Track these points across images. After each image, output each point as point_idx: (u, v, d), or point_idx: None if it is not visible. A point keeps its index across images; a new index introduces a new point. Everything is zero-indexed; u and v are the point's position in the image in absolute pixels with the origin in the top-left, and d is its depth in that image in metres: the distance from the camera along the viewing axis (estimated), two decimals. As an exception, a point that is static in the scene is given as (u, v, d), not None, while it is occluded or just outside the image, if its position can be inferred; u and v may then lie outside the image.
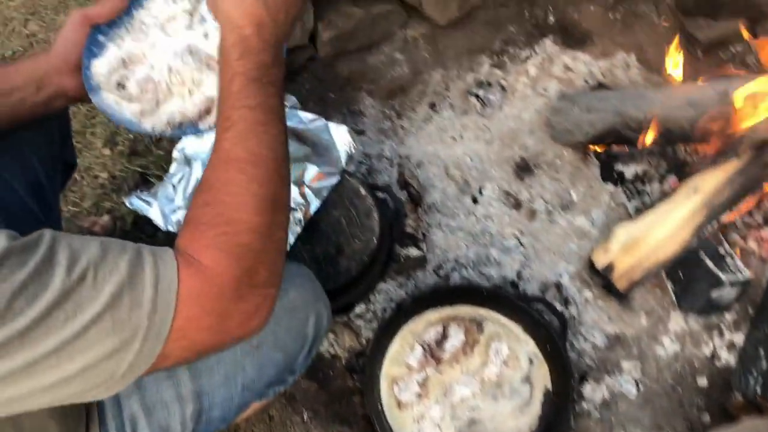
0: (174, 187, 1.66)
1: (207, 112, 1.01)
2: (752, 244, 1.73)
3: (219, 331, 0.77)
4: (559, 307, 1.66)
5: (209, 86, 1.00)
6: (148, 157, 1.94)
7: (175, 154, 1.70)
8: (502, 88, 2.11)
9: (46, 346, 0.66)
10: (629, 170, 1.75)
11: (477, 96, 2.09)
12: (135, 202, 1.63)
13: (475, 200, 1.92)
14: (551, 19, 2.14)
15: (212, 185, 0.81)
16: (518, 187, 1.95)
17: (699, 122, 1.66)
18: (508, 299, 1.61)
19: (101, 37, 1.03)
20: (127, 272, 0.71)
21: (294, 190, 1.61)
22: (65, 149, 1.32)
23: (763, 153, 1.57)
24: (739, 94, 1.58)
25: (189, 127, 1.02)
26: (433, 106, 2.11)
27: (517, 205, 1.92)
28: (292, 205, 1.60)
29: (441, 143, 2.04)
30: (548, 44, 2.15)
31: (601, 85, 2.07)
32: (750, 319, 1.65)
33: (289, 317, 1.17)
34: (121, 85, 1.01)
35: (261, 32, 0.87)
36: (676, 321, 1.69)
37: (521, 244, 1.84)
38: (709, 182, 1.61)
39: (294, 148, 1.66)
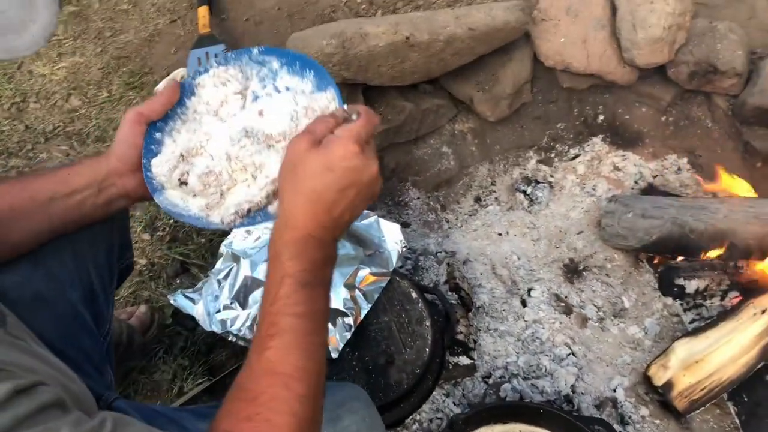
0: (219, 283, 1.60)
1: (275, 195, 0.97)
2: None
3: None
4: (617, 427, 1.57)
5: (272, 167, 0.97)
6: (188, 244, 1.89)
7: (222, 249, 1.65)
8: (550, 185, 2.08)
9: None
10: (690, 285, 1.69)
11: (524, 192, 2.05)
12: (179, 300, 1.57)
13: (524, 303, 1.85)
14: (601, 117, 2.11)
15: (256, 398, 0.77)
16: (568, 290, 1.89)
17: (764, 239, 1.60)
18: (565, 419, 1.52)
19: (157, 134, 1.02)
20: None
21: (345, 293, 1.55)
22: (124, 255, 1.28)
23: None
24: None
25: (259, 213, 0.97)
26: (478, 200, 2.07)
27: (567, 310, 1.85)
28: (343, 308, 1.53)
29: (487, 239, 2.00)
30: (597, 143, 2.12)
31: (651, 187, 2.03)
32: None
33: None
34: (183, 183, 0.98)
35: (321, 233, 0.83)
36: (740, 447, 1.60)
37: (573, 353, 1.76)
38: (778, 303, 1.55)
39: (347, 249, 1.61)
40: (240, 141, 0.98)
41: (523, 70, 1.96)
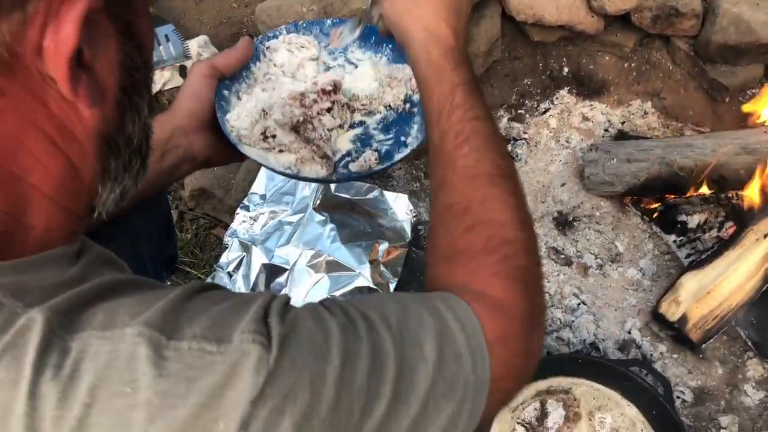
0: (231, 275, 1.48)
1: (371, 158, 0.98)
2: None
3: (522, 376, 0.67)
4: (647, 366, 1.60)
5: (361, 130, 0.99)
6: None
7: (227, 240, 1.53)
8: (526, 141, 2.08)
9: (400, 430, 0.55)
10: (693, 219, 1.74)
11: (503, 151, 2.04)
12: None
13: (525, 260, 1.85)
14: (566, 70, 2.13)
15: (468, 207, 0.71)
16: (563, 242, 1.91)
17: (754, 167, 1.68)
18: (604, 365, 1.53)
19: (225, 92, 0.95)
20: (434, 322, 0.60)
21: (371, 270, 1.48)
22: (170, 241, 1.15)
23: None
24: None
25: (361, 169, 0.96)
26: (458, 164, 2.04)
27: (567, 261, 1.86)
28: (373, 285, 1.46)
29: (474, 202, 1.97)
30: (564, 95, 2.14)
31: (621, 133, 2.08)
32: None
33: None
34: (267, 137, 0.93)
35: (461, 44, 0.82)
36: (753, 367, 1.67)
37: (583, 302, 1.78)
38: (779, 226, 1.63)
39: (363, 225, 1.53)
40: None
41: (494, 27, 1.94)
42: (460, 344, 0.59)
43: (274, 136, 0.92)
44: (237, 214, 1.55)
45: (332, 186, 1.59)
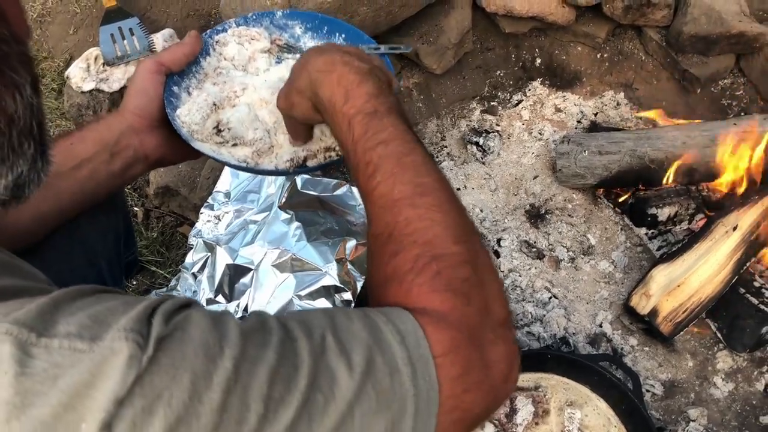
0: (195, 276, 1.46)
1: (326, 150, 0.95)
2: (777, 274, 1.76)
3: (488, 389, 0.62)
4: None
5: None
6: (139, 240, 1.71)
7: (192, 240, 1.50)
8: (498, 134, 2.06)
9: None
10: (663, 212, 1.73)
11: (476, 143, 2.02)
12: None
13: (497, 254, 1.84)
14: (538, 61, 2.11)
15: (391, 234, 0.67)
16: (535, 235, 1.90)
17: (723, 160, 1.67)
18: (572, 360, 1.53)
19: (175, 88, 0.93)
20: (368, 333, 0.57)
21: (338, 269, 1.46)
22: (129, 247, 1.13)
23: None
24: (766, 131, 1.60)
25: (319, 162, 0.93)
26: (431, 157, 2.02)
27: (539, 254, 1.85)
28: (339, 284, 1.44)
29: (446, 195, 1.95)
30: (537, 87, 2.13)
31: (594, 125, 2.07)
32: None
33: None
34: (220, 131, 0.90)
35: (352, 68, 0.77)
36: (723, 359, 1.67)
37: (554, 296, 1.77)
38: (747, 218, 1.62)
39: (330, 223, 1.51)
40: (277, 88, 0.91)
41: (465, 19, 1.92)
42: (398, 357, 0.56)
43: (229, 129, 0.90)
44: (201, 213, 1.52)
45: (299, 183, 1.56)
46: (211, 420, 0.46)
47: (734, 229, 1.63)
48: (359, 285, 1.46)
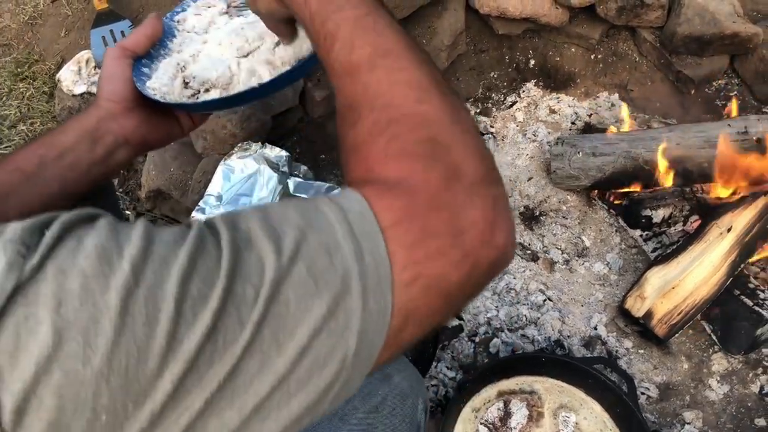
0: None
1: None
2: (772, 275, 1.76)
3: (461, 253, 0.54)
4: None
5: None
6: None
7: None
8: (492, 135, 2.05)
9: (250, 369, 0.46)
10: (657, 214, 1.72)
11: (470, 146, 2.01)
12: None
13: (491, 256, 1.83)
14: (532, 62, 2.11)
15: (351, 104, 0.62)
16: (530, 238, 1.89)
17: (720, 162, 1.66)
18: (567, 363, 1.52)
19: (145, 69, 0.93)
20: (300, 216, 0.51)
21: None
22: None
23: (790, 188, 1.59)
24: (759, 132, 1.60)
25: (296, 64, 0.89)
26: (424, 159, 2.02)
27: (534, 257, 1.85)
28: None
29: (440, 198, 1.95)
30: (531, 88, 2.12)
31: (588, 126, 2.06)
32: (787, 351, 1.66)
33: (401, 405, 1.05)
34: (187, 83, 0.91)
35: None
36: (718, 361, 1.67)
37: (548, 298, 1.77)
38: (742, 220, 1.62)
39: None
40: (238, 32, 0.94)
41: (458, 20, 1.91)
42: (338, 234, 0.50)
43: (194, 77, 0.91)
44: (192, 216, 1.51)
45: (291, 186, 1.55)
46: (110, 325, 0.42)
47: (728, 230, 1.62)
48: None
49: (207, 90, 0.91)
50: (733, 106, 1.81)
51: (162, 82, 0.88)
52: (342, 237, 0.50)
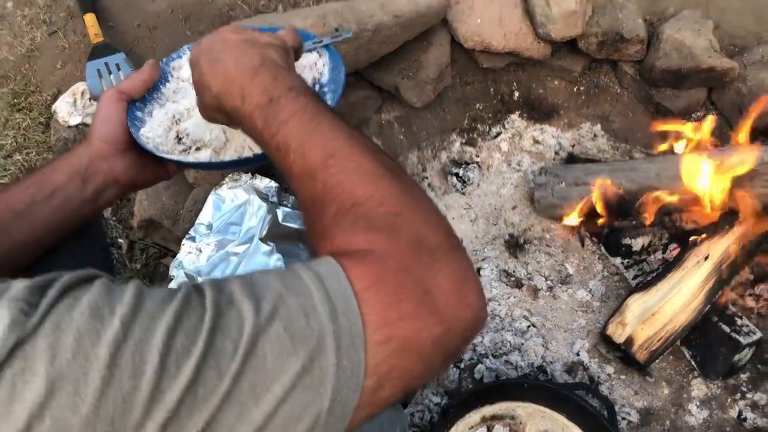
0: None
1: None
2: (750, 302, 1.80)
3: (430, 313, 0.58)
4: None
5: None
6: (122, 273, 1.73)
7: (173, 272, 1.53)
8: (478, 165, 2.10)
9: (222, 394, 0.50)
10: (637, 242, 1.77)
11: (456, 175, 2.06)
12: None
13: (477, 283, 1.87)
14: (516, 94, 2.17)
15: (313, 200, 0.67)
16: (514, 265, 1.93)
17: (695, 191, 1.72)
18: (549, 389, 1.56)
19: (138, 113, 0.97)
20: (281, 281, 0.56)
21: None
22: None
23: (763, 218, 1.64)
24: (734, 165, 1.65)
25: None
26: (412, 188, 2.06)
27: (518, 284, 1.89)
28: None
29: (427, 226, 1.99)
30: (515, 119, 2.18)
31: (572, 156, 2.11)
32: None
33: None
34: (180, 139, 0.95)
35: (243, 68, 0.78)
36: (698, 387, 1.70)
37: (533, 324, 1.80)
38: (718, 248, 1.66)
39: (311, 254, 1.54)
40: None
41: (444, 54, 1.97)
42: (315, 297, 0.55)
43: (188, 135, 0.94)
44: (183, 245, 1.55)
45: (280, 216, 1.60)
46: (99, 376, 0.46)
47: (705, 258, 1.67)
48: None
49: (198, 149, 0.94)
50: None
51: (156, 133, 0.93)
52: (318, 300, 0.54)
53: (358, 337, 0.54)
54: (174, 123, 0.96)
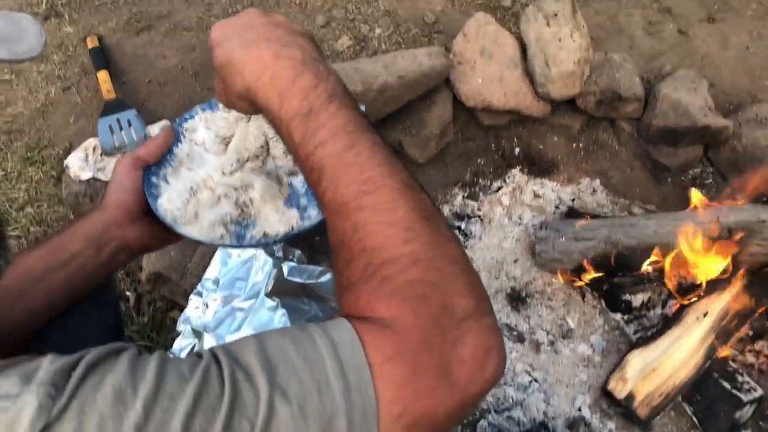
0: (183, 363, 1.50)
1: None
2: (750, 358, 1.81)
3: (448, 390, 0.57)
4: (594, 445, 1.63)
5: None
6: (130, 325, 1.76)
7: (180, 326, 1.55)
8: (480, 218, 2.14)
9: None
10: (636, 298, 1.80)
11: (458, 228, 2.10)
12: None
13: (479, 337, 1.88)
14: (517, 150, 2.22)
15: (342, 241, 0.65)
16: (516, 319, 1.95)
17: (692, 248, 1.75)
18: (551, 446, 1.56)
19: (153, 178, 0.99)
20: (294, 349, 0.56)
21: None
22: (119, 338, 1.18)
23: (762, 274, 1.67)
24: (730, 222, 1.69)
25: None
26: (415, 241, 2.10)
27: (520, 338, 1.90)
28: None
29: (429, 279, 2.02)
30: (516, 174, 2.22)
31: (571, 210, 2.15)
32: (767, 433, 1.70)
33: None
34: (197, 214, 0.95)
35: (284, 63, 0.72)
36: (700, 443, 1.71)
37: (534, 379, 1.82)
38: (717, 305, 1.69)
39: (315, 311, 1.57)
40: (233, 165, 1.00)
41: (446, 112, 2.03)
42: (329, 370, 0.55)
43: (205, 215, 0.95)
44: (191, 299, 1.58)
45: (285, 270, 1.63)
46: None
47: (705, 315, 1.69)
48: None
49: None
50: (694, 197, 1.91)
51: (175, 205, 0.94)
52: (332, 375, 0.54)
53: (371, 414, 0.54)
54: (192, 194, 0.97)
